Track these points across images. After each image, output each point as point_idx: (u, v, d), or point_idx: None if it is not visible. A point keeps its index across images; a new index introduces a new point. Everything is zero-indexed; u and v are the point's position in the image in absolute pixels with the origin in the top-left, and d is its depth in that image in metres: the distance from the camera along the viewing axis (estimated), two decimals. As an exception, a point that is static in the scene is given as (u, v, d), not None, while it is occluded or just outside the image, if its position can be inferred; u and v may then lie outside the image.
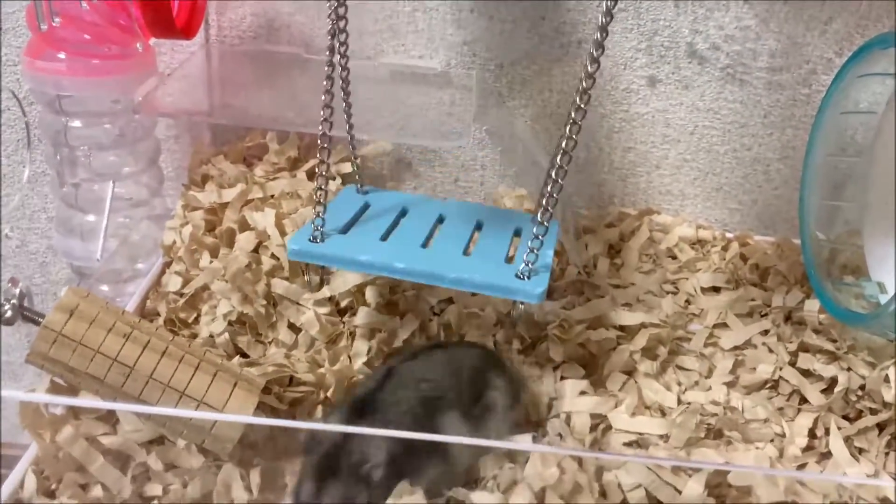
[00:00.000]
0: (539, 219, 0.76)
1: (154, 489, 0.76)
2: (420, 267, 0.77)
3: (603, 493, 0.75)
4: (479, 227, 0.90)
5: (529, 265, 0.77)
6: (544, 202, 0.75)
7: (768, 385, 0.93)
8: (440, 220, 0.90)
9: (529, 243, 0.77)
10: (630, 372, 0.92)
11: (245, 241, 0.97)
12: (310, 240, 0.80)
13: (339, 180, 1.06)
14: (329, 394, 0.85)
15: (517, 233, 0.90)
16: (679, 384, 0.92)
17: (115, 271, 1.03)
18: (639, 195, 1.23)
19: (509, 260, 0.84)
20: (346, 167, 1.09)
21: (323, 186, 0.79)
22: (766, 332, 1.00)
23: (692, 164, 1.20)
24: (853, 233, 1.04)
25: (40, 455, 0.75)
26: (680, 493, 0.73)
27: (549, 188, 0.75)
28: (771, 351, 0.97)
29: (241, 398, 0.76)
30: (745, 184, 1.21)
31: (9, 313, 0.73)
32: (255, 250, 0.97)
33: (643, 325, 0.96)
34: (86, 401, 0.71)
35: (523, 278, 0.77)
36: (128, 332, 0.74)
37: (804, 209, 1.01)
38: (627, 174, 1.21)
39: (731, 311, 1.03)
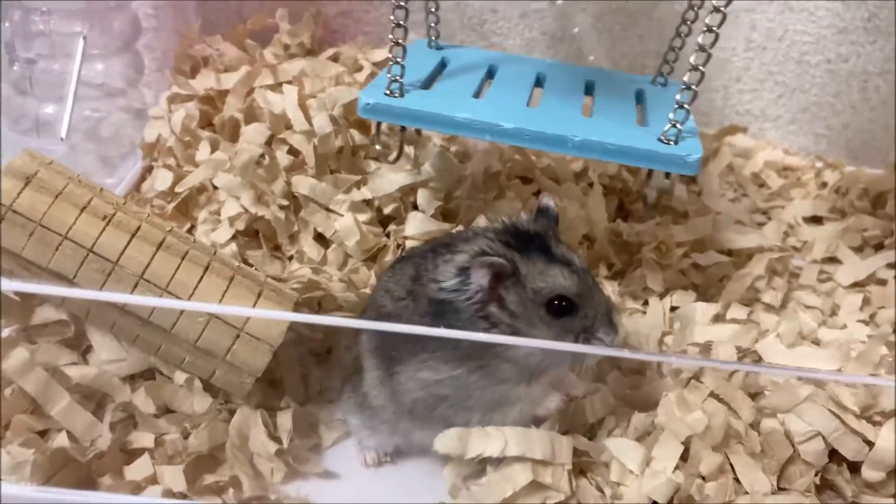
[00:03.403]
0: (693, 62, 0.56)
1: (142, 439, 0.54)
2: (535, 127, 0.57)
3: (762, 446, 0.55)
4: (588, 91, 0.70)
5: (678, 125, 0.57)
6: (700, 39, 0.56)
7: (910, 325, 0.75)
8: (538, 81, 0.70)
9: (678, 97, 0.57)
10: (748, 304, 0.73)
11: (254, 132, 0.75)
12: (386, 93, 0.59)
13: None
14: (375, 320, 0.64)
15: (638, 98, 0.70)
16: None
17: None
18: (713, 114, 1.04)
19: (641, 123, 0.64)
20: (376, 55, 0.87)
21: (402, 21, 0.58)
22: (892, 265, 0.81)
23: (777, 78, 1.01)
24: None
25: (-22, 388, 0.53)
26: (871, 445, 0.54)
27: (707, 20, 0.56)
28: (906, 285, 0.78)
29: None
30: (837, 103, 1.02)
31: (-67, 178, 0.50)
32: (268, 144, 0.75)
33: (758, 250, 0.77)
34: (47, 287, 0.48)
35: (669, 142, 0.57)
36: (109, 213, 0.52)
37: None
38: (702, 88, 1.01)
39: (841, 243, 0.84)
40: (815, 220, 0.91)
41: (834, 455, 0.56)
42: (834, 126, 1.04)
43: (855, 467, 0.55)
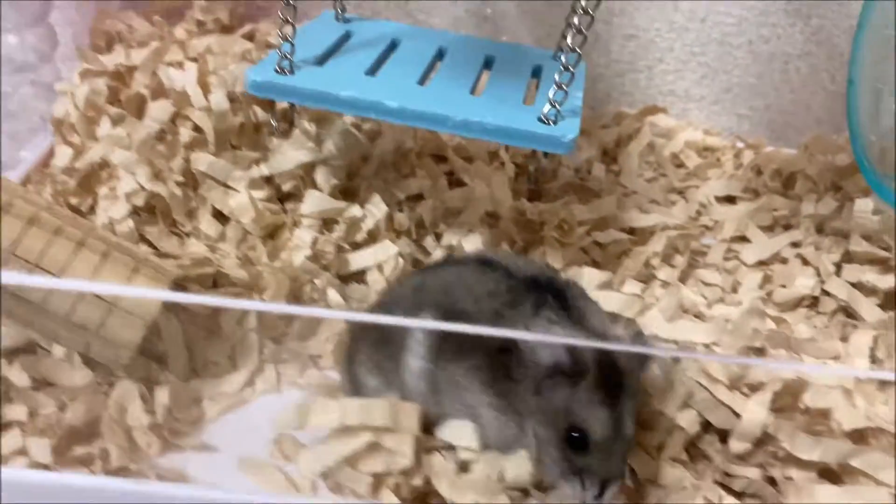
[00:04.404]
0: (570, 44, 0.57)
1: (16, 411, 0.54)
2: (417, 106, 0.58)
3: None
4: (487, 65, 0.71)
5: (556, 106, 0.58)
6: (576, 21, 0.56)
7: (805, 303, 0.77)
8: (439, 55, 0.70)
9: (557, 77, 0.58)
10: (645, 281, 0.74)
11: (158, 109, 0.74)
12: (276, 70, 0.60)
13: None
14: (267, 297, 0.65)
15: (535, 73, 0.71)
16: (705, 297, 0.74)
17: (-14, 151, 0.80)
18: (637, 94, 1.05)
19: (527, 102, 0.65)
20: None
21: (291, 0, 0.58)
22: (797, 244, 0.83)
23: (700, 59, 1.02)
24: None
25: None
26: (738, 416, 0.56)
27: (583, 2, 0.56)
28: (806, 263, 0.80)
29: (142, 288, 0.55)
30: (759, 84, 1.04)
31: None
32: (172, 122, 0.75)
33: (659, 228, 0.79)
34: None
35: (548, 122, 0.58)
36: (-22, 187, 0.52)
37: (854, 94, 0.84)
38: (626, 68, 1.03)
39: (751, 223, 0.86)
40: (730, 199, 0.93)
41: (709, 425, 0.58)
42: (756, 107, 1.05)
43: (724, 437, 0.57)
